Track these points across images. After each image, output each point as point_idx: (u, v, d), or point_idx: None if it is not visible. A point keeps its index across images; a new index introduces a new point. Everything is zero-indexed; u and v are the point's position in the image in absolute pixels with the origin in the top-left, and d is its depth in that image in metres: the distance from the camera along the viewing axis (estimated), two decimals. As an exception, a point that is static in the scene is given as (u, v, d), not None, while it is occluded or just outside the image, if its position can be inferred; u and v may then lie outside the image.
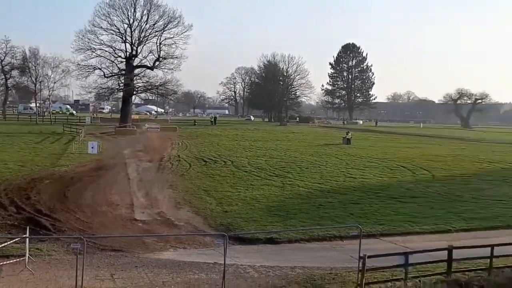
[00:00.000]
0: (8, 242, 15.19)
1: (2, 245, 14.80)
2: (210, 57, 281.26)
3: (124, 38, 72.32)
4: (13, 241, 15.52)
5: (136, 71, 75.03)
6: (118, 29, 71.83)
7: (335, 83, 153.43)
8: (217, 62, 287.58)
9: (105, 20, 71.13)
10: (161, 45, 73.56)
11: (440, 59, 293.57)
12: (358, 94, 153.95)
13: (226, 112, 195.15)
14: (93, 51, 71.28)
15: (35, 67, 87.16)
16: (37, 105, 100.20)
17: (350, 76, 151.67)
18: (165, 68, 74.70)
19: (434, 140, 70.48)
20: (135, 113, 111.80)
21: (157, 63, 74.17)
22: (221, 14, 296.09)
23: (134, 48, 72.84)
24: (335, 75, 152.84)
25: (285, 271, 14.91)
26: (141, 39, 72.80)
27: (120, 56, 73.21)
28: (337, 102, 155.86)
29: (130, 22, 71.93)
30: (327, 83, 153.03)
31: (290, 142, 57.66)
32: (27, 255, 14.16)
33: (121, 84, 74.12)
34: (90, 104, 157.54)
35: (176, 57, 74.12)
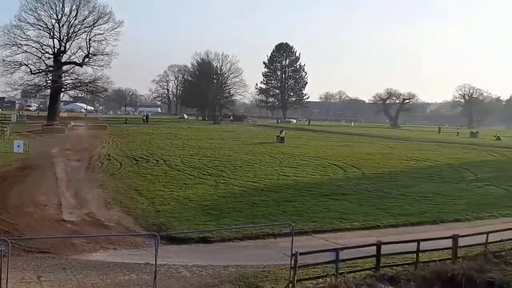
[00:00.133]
0: None
1: None
2: (142, 54, 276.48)
3: (52, 34, 70.23)
4: None
5: (65, 68, 73.13)
6: (46, 24, 69.78)
7: (269, 82, 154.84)
8: (150, 60, 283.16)
9: (32, 15, 69.18)
10: (91, 41, 72.16)
11: (371, 60, 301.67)
12: (292, 93, 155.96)
13: (159, 110, 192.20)
14: (19, 47, 69.00)
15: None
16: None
17: (284, 76, 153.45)
18: (95, 65, 73.25)
19: (364, 139, 72.34)
20: (64, 111, 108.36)
21: (87, 60, 72.58)
22: (154, 11, 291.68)
23: (63, 44, 70.88)
24: (269, 74, 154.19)
25: (218, 270, 14.83)
26: (70, 35, 70.93)
27: (48, 52, 71.09)
28: (271, 101, 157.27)
29: (58, 17, 69.99)
30: (261, 82, 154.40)
31: (224, 141, 57.57)
32: None
33: (49, 81, 71.94)
34: (16, 102, 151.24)
35: (107, 54, 73.01)
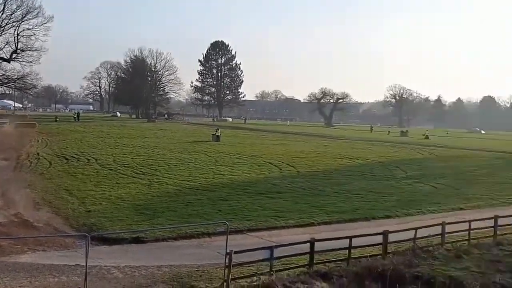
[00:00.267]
0: None
1: None
2: (74, 50, 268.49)
3: (-23, 28, 66.91)
4: None
5: (-9, 64, 69.74)
6: (-29, 19, 66.29)
7: (205, 80, 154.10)
8: (82, 56, 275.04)
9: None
10: (19, 37, 69.55)
11: (306, 60, 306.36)
12: (228, 92, 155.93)
13: (91, 108, 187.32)
14: None
15: None
16: None
17: (220, 74, 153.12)
18: (23, 61, 70.76)
19: (300, 138, 73.27)
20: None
21: (15, 55, 69.94)
22: (87, 6, 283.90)
23: (-11, 39, 67.64)
24: (205, 72, 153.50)
25: (151, 271, 14.62)
26: (-3, 30, 67.79)
27: (-27, 47, 67.63)
28: (207, 99, 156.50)
29: (-16, 12, 66.66)
30: (197, 80, 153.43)
31: (159, 139, 56.77)
32: None
33: (-26, 77, 68.47)
34: None
35: (36, 50, 70.65)
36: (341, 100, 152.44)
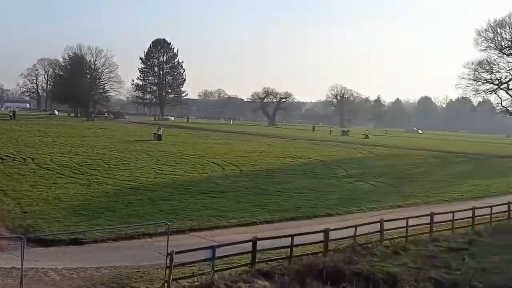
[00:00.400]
0: None
1: None
2: (10, 46, 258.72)
3: None
4: None
5: None
6: None
7: (146, 78, 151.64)
8: (18, 52, 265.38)
9: None
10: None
11: (250, 59, 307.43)
12: (170, 90, 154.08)
13: (28, 106, 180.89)
14: None
15: None
16: None
17: (162, 72, 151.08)
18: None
19: (243, 137, 73.37)
20: None
21: None
22: (21, 2, 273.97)
23: None
24: (146, 70, 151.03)
25: (90, 272, 14.36)
26: None
27: None
28: (149, 98, 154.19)
29: None
30: (138, 78, 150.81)
31: (98, 138, 55.42)
32: None
33: None
34: None
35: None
36: (284, 100, 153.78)
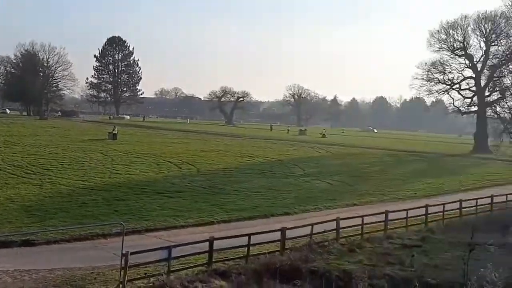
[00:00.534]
0: None
1: None
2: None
3: None
4: None
5: None
6: None
7: (101, 77, 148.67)
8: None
9: None
10: None
11: (208, 58, 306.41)
12: (125, 89, 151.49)
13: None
14: None
15: None
16: None
17: (117, 70, 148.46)
18: None
19: (200, 136, 72.94)
20: None
21: None
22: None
23: None
24: (101, 68, 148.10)
25: (43, 274, 14.12)
26: None
27: None
28: (103, 96, 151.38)
29: None
30: (93, 76, 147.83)
31: (51, 138, 54.08)
32: None
33: None
34: None
35: None
36: (242, 99, 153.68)
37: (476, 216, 25.27)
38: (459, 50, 77.66)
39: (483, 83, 75.98)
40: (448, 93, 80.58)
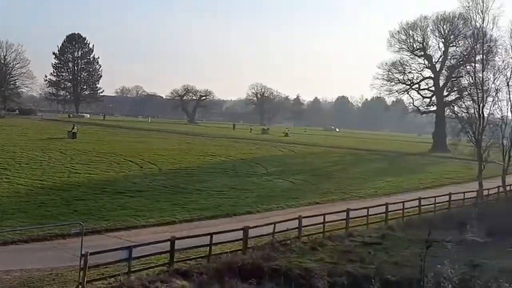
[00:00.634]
0: None
1: None
2: None
3: None
4: None
5: None
6: None
7: (60, 74, 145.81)
8: None
9: None
10: None
11: (170, 57, 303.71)
12: (85, 87, 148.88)
13: None
14: None
15: None
16: None
17: (76, 68, 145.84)
18: None
19: (162, 135, 72.38)
20: None
21: None
22: None
23: None
24: (60, 66, 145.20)
25: None
26: None
27: None
28: (62, 94, 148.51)
29: None
30: (51, 74, 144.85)
31: (9, 136, 52.80)
32: None
33: None
34: None
35: None
36: (204, 97, 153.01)
37: (435, 214, 25.91)
38: (419, 51, 79.21)
39: (442, 83, 77.53)
40: (408, 93, 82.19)
